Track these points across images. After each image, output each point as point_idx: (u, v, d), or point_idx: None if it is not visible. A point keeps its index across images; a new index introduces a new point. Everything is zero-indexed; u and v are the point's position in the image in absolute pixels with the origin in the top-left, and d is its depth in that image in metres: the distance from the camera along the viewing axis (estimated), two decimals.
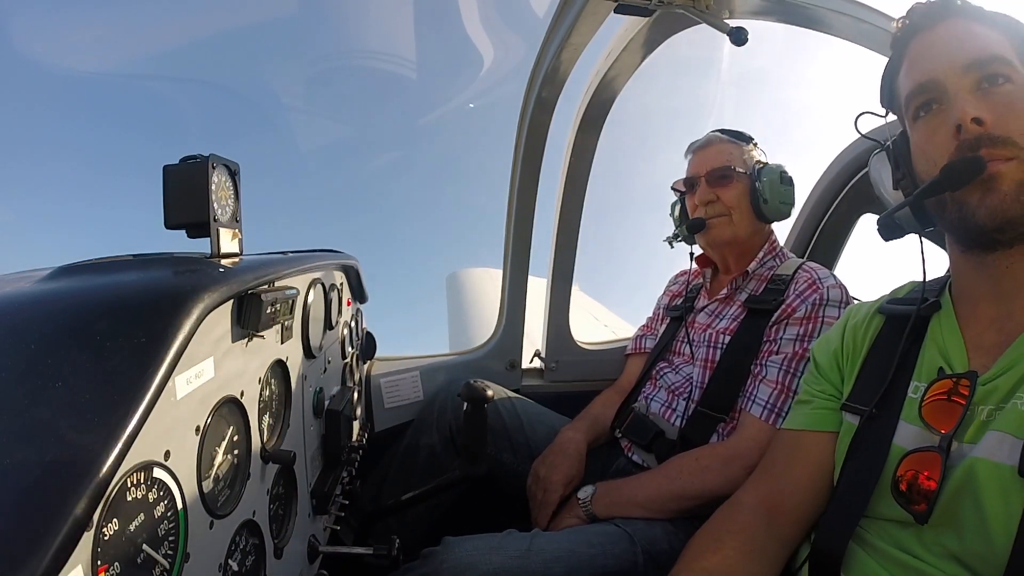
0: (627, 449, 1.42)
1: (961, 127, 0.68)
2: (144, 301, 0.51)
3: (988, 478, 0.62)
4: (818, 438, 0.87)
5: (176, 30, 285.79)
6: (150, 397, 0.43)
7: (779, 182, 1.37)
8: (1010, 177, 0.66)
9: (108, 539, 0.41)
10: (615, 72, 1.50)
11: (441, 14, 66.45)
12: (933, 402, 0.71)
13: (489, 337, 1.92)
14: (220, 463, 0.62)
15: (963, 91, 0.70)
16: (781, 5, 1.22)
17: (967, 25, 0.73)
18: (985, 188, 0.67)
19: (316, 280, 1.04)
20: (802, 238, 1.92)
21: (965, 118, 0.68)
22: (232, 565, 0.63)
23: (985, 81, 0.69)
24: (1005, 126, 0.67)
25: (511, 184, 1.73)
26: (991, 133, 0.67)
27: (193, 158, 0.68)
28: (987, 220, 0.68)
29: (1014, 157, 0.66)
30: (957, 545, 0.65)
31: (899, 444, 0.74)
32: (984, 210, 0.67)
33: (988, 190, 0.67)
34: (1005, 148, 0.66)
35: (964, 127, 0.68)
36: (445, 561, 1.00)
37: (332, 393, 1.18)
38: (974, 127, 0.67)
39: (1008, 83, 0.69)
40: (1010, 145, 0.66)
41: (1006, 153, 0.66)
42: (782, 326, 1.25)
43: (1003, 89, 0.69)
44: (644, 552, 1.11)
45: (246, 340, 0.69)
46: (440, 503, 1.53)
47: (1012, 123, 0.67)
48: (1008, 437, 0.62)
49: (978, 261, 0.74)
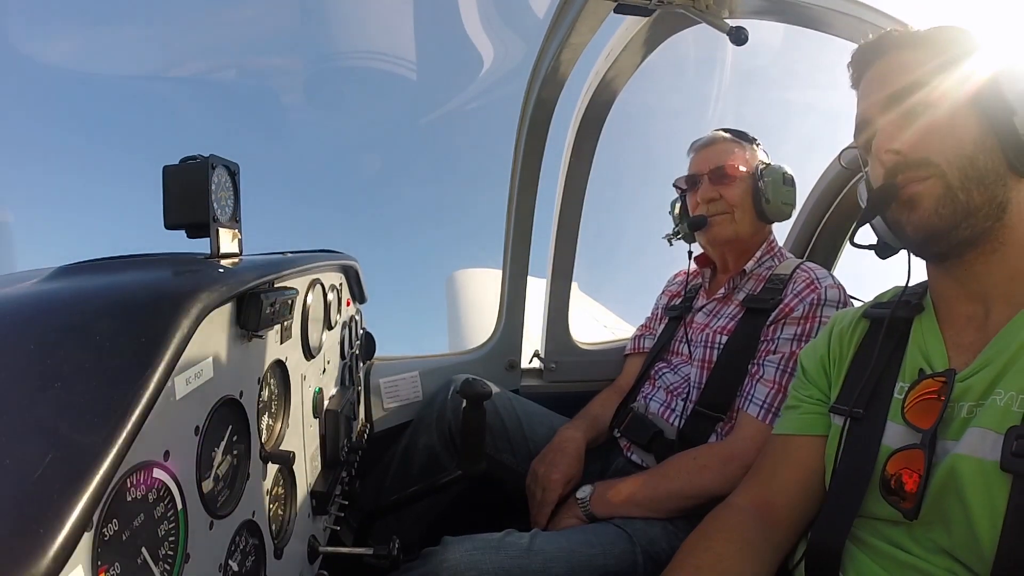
0: (626, 449, 1.43)
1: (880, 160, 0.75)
2: (143, 301, 0.51)
3: (971, 473, 0.64)
4: (807, 442, 0.89)
5: (176, 30, 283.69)
6: (149, 397, 0.43)
7: (781, 183, 1.37)
8: (927, 194, 0.72)
9: (108, 540, 0.41)
10: (615, 72, 1.50)
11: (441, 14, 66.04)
12: (917, 402, 0.73)
13: (488, 337, 1.92)
14: (219, 463, 0.62)
15: (886, 124, 0.76)
16: (781, 5, 1.22)
17: (897, 57, 0.78)
18: (909, 208, 0.74)
19: (316, 280, 1.04)
20: (801, 238, 1.93)
21: (879, 151, 0.75)
22: (232, 565, 0.63)
23: (908, 110, 0.74)
24: (920, 149, 0.72)
25: (511, 184, 1.73)
26: (907, 158, 0.73)
27: (193, 158, 0.68)
28: (914, 235, 0.74)
29: (929, 176, 0.71)
30: (946, 540, 0.67)
31: (887, 444, 0.76)
32: (910, 227, 0.74)
33: (910, 209, 0.74)
34: (920, 170, 0.72)
35: (881, 160, 0.75)
36: (445, 561, 1.00)
37: (332, 393, 1.18)
38: (890, 157, 0.74)
39: (929, 107, 0.73)
40: (925, 166, 0.72)
41: (921, 174, 0.72)
42: (780, 326, 1.26)
43: (922, 114, 0.73)
44: (643, 552, 1.11)
45: (246, 340, 0.69)
46: (440, 503, 1.53)
47: (928, 144, 0.72)
48: (990, 433, 0.64)
49: (942, 269, 0.78)
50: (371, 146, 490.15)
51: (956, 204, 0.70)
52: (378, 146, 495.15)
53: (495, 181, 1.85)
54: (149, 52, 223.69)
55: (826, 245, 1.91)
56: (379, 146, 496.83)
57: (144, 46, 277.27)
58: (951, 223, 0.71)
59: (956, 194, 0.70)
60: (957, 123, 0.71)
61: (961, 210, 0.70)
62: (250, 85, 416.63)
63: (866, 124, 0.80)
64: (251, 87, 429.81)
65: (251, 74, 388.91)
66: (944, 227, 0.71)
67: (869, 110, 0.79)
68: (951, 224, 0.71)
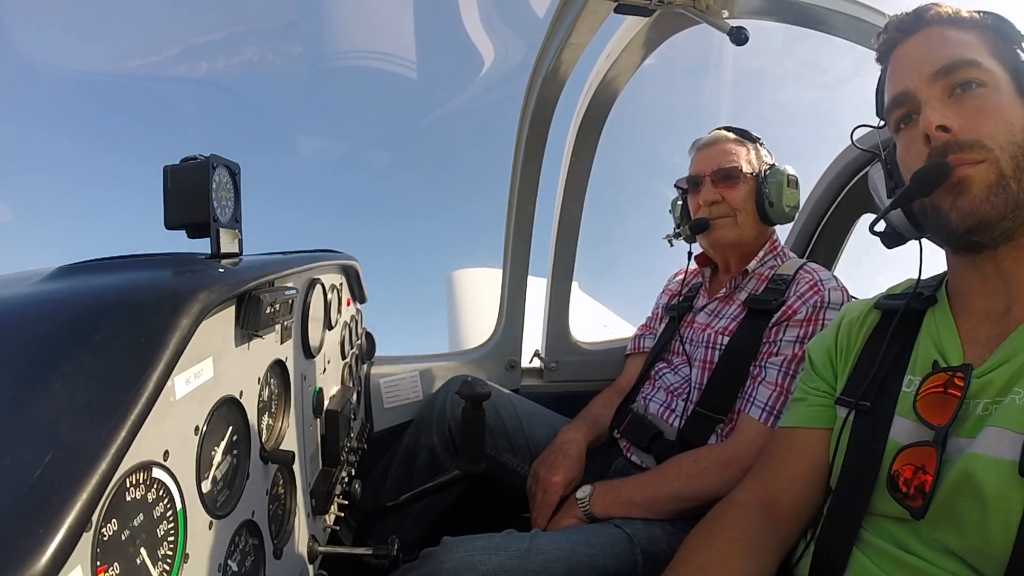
0: (626, 450, 1.42)
1: (929, 136, 0.70)
2: (143, 301, 0.51)
3: (987, 473, 0.62)
4: (813, 435, 0.88)
5: (176, 30, 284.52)
6: (149, 397, 0.43)
7: (786, 185, 1.35)
8: (979, 179, 0.68)
9: (107, 540, 0.41)
10: (615, 72, 1.50)
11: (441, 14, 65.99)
12: (928, 395, 0.71)
13: (489, 337, 1.92)
14: (219, 463, 0.62)
15: (932, 100, 0.71)
16: (781, 4, 1.22)
17: (940, 32, 0.74)
18: (956, 192, 0.69)
19: (316, 280, 1.04)
20: (802, 238, 1.92)
21: (930, 127, 0.70)
22: (232, 565, 0.63)
23: (956, 87, 0.71)
24: (973, 130, 0.68)
25: (511, 184, 1.73)
26: (959, 139, 0.68)
27: (193, 158, 0.68)
28: (959, 223, 0.69)
29: (983, 160, 0.68)
30: (955, 541, 0.65)
31: (894, 439, 0.74)
32: (956, 213, 0.69)
33: (959, 193, 0.69)
34: (973, 152, 0.68)
35: (931, 136, 0.70)
36: (445, 561, 0.99)
37: (332, 393, 1.18)
38: (940, 134, 0.69)
39: (980, 87, 0.70)
40: (978, 148, 0.68)
41: (975, 156, 0.68)
42: (782, 328, 1.25)
43: (973, 93, 0.70)
44: (643, 552, 1.11)
45: (245, 340, 0.69)
46: (439, 503, 1.53)
47: (981, 126, 0.68)
48: (1008, 433, 0.62)
49: (968, 261, 0.75)
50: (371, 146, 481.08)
51: (1008, 193, 0.67)
52: (378, 146, 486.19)
53: (495, 181, 1.85)
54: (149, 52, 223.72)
55: (827, 245, 1.91)
56: (379, 146, 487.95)
57: (143, 46, 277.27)
58: (1001, 213, 0.67)
59: (1009, 183, 0.67)
60: (1009, 109, 0.69)
61: (1012, 201, 0.67)
62: (250, 85, 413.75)
63: (904, 99, 0.74)
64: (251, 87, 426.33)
65: (251, 74, 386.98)
66: (994, 216, 0.67)
67: (911, 84, 0.73)
68: (1001, 214, 0.67)
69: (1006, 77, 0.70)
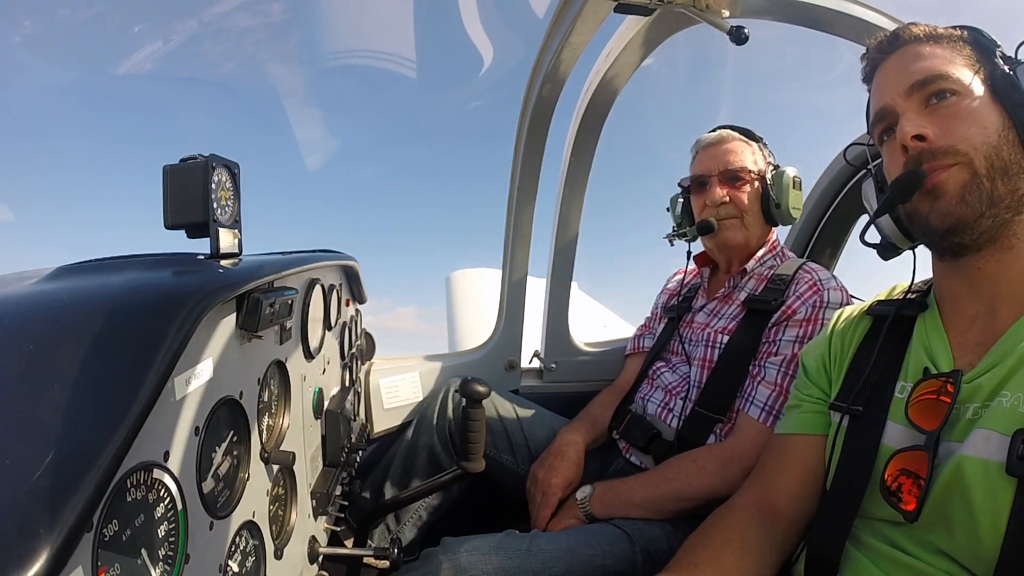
0: (625, 450, 1.42)
1: (906, 146, 0.74)
2: (143, 301, 0.50)
3: (975, 474, 0.63)
4: (808, 441, 0.89)
5: (175, 30, 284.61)
6: (149, 397, 0.43)
7: (791, 186, 1.35)
8: (953, 181, 0.71)
9: (108, 540, 0.41)
10: (615, 72, 1.50)
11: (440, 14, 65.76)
12: (920, 401, 0.72)
13: (488, 337, 1.92)
14: (219, 464, 0.62)
15: (908, 112, 0.75)
16: (781, 4, 1.22)
17: (916, 49, 0.77)
18: (933, 196, 0.72)
19: (315, 280, 1.04)
20: (801, 238, 1.93)
21: (905, 137, 0.73)
22: (232, 566, 0.63)
23: (931, 97, 0.74)
24: (947, 136, 0.72)
25: (511, 184, 1.73)
26: (932, 147, 0.72)
27: (193, 158, 0.67)
28: (939, 223, 0.72)
29: (956, 163, 0.71)
30: (947, 542, 0.66)
31: (887, 444, 0.75)
32: (935, 215, 0.73)
33: (936, 197, 0.72)
34: (946, 157, 0.71)
35: (907, 145, 0.73)
36: (445, 561, 1.00)
37: (331, 394, 1.18)
38: (916, 143, 0.73)
39: (953, 95, 0.73)
40: (951, 153, 0.71)
41: (947, 161, 0.71)
42: (782, 328, 1.25)
43: (947, 102, 0.73)
44: (643, 551, 1.11)
45: (245, 340, 0.69)
46: (439, 503, 1.53)
47: (955, 131, 0.71)
48: (995, 434, 0.63)
49: (953, 265, 0.77)
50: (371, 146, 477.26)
51: (981, 191, 0.70)
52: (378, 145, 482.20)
53: (495, 181, 1.85)
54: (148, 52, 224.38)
55: (826, 246, 1.91)
56: (379, 145, 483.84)
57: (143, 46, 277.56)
58: (977, 211, 0.70)
59: (982, 181, 0.69)
60: (982, 114, 0.71)
61: (986, 198, 0.69)
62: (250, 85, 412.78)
63: (885, 114, 0.79)
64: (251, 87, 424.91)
65: (251, 74, 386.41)
66: (970, 215, 0.70)
67: (889, 99, 0.78)
68: (977, 212, 0.70)
69: (980, 85, 0.73)
